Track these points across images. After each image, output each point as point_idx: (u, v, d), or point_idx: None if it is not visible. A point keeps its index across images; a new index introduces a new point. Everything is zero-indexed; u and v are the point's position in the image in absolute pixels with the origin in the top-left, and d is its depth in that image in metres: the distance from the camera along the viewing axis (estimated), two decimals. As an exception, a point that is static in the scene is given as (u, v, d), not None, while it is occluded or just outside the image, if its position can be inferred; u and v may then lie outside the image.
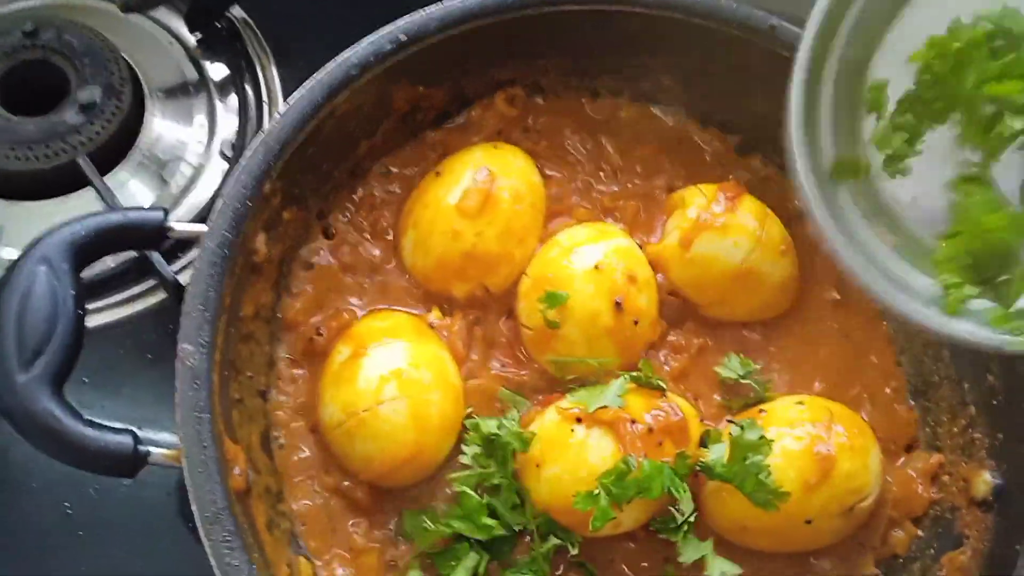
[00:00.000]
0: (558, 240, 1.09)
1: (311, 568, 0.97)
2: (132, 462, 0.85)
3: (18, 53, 1.33)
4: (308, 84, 1.00)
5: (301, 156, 1.01)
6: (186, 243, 1.23)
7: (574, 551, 0.97)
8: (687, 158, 1.19)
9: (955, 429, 1.07)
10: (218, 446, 0.86)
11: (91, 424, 0.85)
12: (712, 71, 1.15)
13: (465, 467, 0.99)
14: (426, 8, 1.05)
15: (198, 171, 1.35)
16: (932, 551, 1.03)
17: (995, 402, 1.02)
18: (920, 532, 1.05)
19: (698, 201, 1.11)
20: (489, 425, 0.99)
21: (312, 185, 1.06)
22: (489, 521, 0.95)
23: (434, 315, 1.07)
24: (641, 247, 1.10)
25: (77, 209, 1.29)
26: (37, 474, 1.15)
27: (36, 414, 0.83)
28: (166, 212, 0.94)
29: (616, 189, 1.17)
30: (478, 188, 1.07)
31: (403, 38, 1.04)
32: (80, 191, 1.30)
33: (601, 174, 1.17)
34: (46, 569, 1.12)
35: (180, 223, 0.95)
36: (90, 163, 1.26)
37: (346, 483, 1.00)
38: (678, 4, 1.09)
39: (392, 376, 0.98)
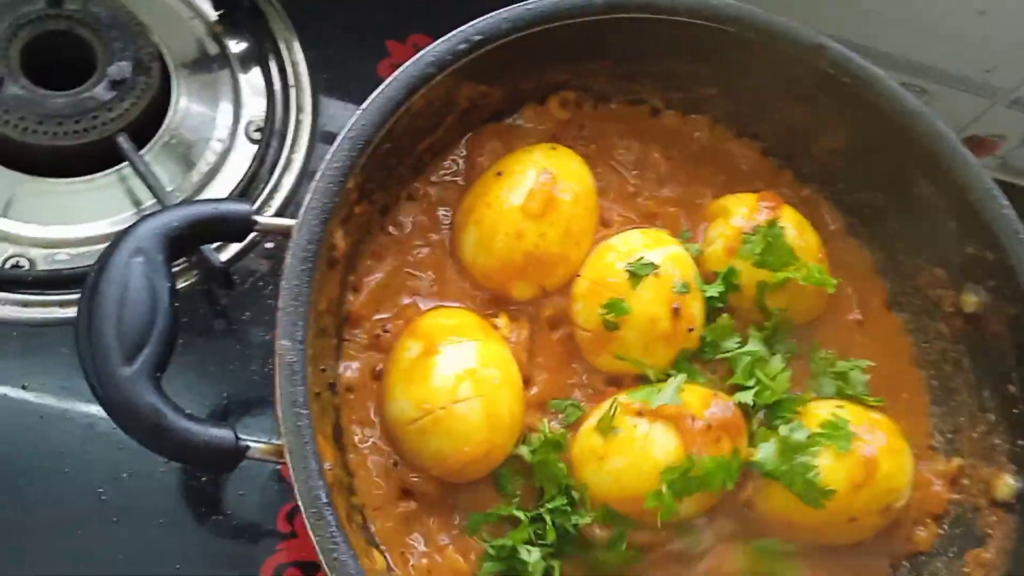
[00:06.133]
0: (614, 245, 1.12)
1: (384, 561, 0.99)
2: (234, 456, 0.85)
3: (42, 23, 1.28)
4: (388, 82, 1.01)
5: (377, 152, 1.01)
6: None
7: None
8: (726, 169, 1.24)
9: (974, 435, 1.13)
10: (315, 441, 0.87)
11: (193, 418, 0.85)
12: (757, 84, 1.19)
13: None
14: (498, 11, 1.06)
15: (225, 153, 1.33)
16: (955, 549, 1.10)
17: (1015, 411, 1.09)
18: (941, 530, 1.12)
19: (741, 211, 1.16)
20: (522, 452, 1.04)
21: (380, 181, 1.07)
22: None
23: (502, 321, 1.09)
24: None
25: (103, 190, 1.26)
26: (70, 460, 1.13)
27: (141, 409, 0.82)
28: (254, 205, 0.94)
29: (660, 195, 1.21)
30: (542, 189, 1.09)
31: (477, 38, 1.05)
32: (105, 171, 1.26)
33: (646, 180, 1.21)
34: (80, 554, 1.10)
35: (267, 217, 0.94)
36: (130, 141, 1.23)
37: (414, 477, 1.02)
38: (734, 18, 1.13)
39: (467, 375, 1.00)
